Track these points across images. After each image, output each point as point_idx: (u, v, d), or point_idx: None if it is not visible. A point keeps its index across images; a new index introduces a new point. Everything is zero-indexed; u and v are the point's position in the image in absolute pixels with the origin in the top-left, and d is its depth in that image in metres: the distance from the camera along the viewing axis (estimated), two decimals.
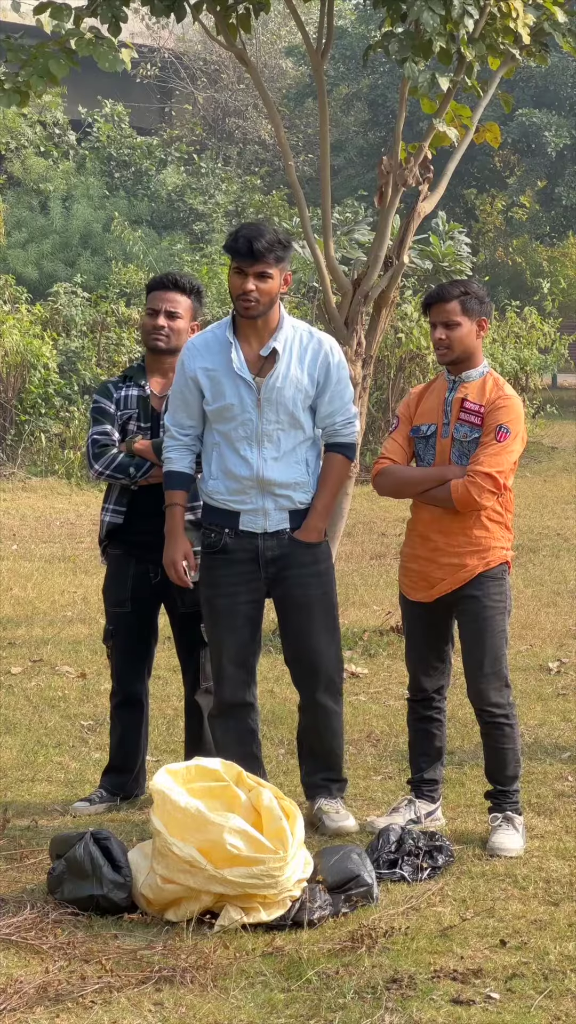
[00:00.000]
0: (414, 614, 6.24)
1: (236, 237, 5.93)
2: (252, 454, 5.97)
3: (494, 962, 4.76)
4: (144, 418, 6.47)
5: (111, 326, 21.08)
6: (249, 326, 6.00)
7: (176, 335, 6.44)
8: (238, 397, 5.96)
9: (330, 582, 6.22)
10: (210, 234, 28.19)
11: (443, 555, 6.04)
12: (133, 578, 6.51)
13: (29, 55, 8.94)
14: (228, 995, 4.53)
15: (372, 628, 10.09)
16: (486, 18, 8.95)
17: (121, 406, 6.51)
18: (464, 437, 6.02)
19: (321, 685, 6.17)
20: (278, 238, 5.93)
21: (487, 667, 6.04)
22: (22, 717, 8.05)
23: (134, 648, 6.60)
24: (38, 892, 5.38)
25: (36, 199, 28.51)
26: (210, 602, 6.11)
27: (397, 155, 9.45)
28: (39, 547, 14.22)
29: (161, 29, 33.26)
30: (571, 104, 29.45)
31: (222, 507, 6.04)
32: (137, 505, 6.45)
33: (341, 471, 6.19)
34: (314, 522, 6.09)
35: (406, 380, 20.03)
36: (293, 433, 6.03)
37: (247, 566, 6.05)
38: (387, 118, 30.56)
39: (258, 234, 5.89)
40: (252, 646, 6.16)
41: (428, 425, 6.12)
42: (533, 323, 23.15)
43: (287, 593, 6.11)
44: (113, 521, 6.49)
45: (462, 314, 6.03)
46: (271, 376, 5.97)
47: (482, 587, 6.04)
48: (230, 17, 9.35)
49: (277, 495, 6.02)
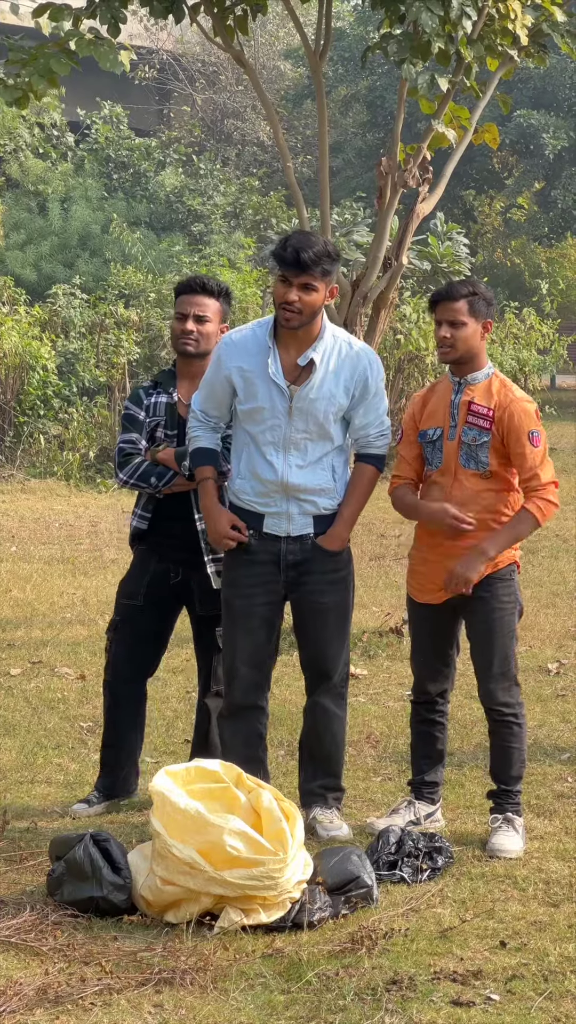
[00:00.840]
0: (421, 616, 6.24)
1: (285, 245, 5.87)
2: (278, 459, 5.96)
3: (494, 963, 4.76)
4: (171, 425, 6.43)
5: (110, 327, 21.08)
6: (289, 334, 5.96)
7: (205, 339, 6.40)
8: (270, 402, 5.94)
9: (348, 589, 6.20)
10: (208, 235, 28.19)
11: (452, 558, 6.03)
12: (152, 574, 6.48)
13: (29, 55, 8.94)
14: (228, 997, 4.52)
15: (371, 629, 10.09)
16: (484, 19, 8.96)
17: (150, 413, 6.49)
18: (473, 441, 6.01)
19: (327, 689, 6.18)
20: (327, 250, 5.87)
21: (496, 667, 6.04)
22: (21, 719, 8.04)
23: (137, 644, 6.53)
24: (38, 894, 5.37)
25: (34, 200, 28.51)
26: (228, 602, 6.11)
27: (396, 156, 9.45)
28: (38, 549, 14.22)
29: (159, 31, 33.30)
30: (569, 105, 29.48)
31: (247, 508, 6.04)
32: (161, 509, 6.45)
33: (370, 482, 6.16)
34: (339, 531, 6.08)
35: (405, 381, 20.03)
36: (321, 443, 6.01)
37: (267, 568, 6.04)
38: (385, 119, 30.58)
39: (307, 244, 5.83)
40: (267, 648, 6.15)
41: (435, 429, 6.11)
42: (532, 324, 23.17)
43: (304, 598, 6.10)
44: (139, 527, 6.49)
45: (469, 314, 6.02)
46: (306, 386, 5.94)
47: (491, 588, 6.03)
48: (228, 19, 9.36)
49: (302, 500, 6.00)
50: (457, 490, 6.03)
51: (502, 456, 6.00)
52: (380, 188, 9.54)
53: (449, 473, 6.05)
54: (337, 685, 6.21)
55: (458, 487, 6.03)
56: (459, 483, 6.03)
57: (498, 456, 6.00)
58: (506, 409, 5.98)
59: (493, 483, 6.01)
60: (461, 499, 6.01)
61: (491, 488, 6.02)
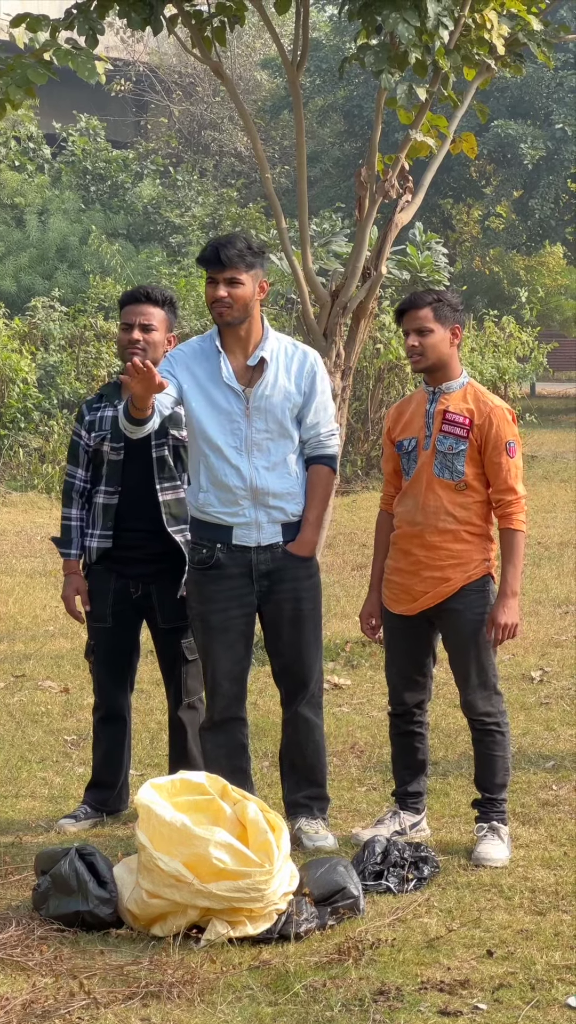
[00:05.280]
0: (396, 627, 6.23)
1: (205, 247, 6.00)
2: (243, 462, 5.96)
3: (481, 972, 4.76)
4: (117, 438, 6.43)
5: (90, 340, 21.08)
6: (234, 338, 6.00)
7: (152, 348, 6.42)
8: (227, 405, 5.96)
9: (319, 596, 6.24)
10: (187, 247, 28.20)
11: (425, 568, 6.04)
12: (114, 593, 6.51)
13: (6, 66, 8.95)
14: (215, 1009, 4.52)
15: (355, 639, 10.08)
16: (461, 29, 8.97)
17: (96, 428, 6.50)
18: (449, 449, 6.01)
19: (306, 698, 6.17)
20: (248, 244, 5.97)
21: (474, 679, 6.04)
22: (5, 733, 8.02)
23: (116, 662, 6.59)
24: (23, 909, 5.36)
25: (11, 213, 28.50)
26: (203, 618, 6.08)
27: (374, 166, 9.46)
28: (20, 562, 14.20)
29: (136, 43, 33.31)
30: (546, 114, 29.55)
31: (214, 521, 6.02)
32: (121, 523, 6.45)
33: (328, 483, 6.20)
34: (308, 536, 6.10)
35: (385, 391, 20.05)
36: (283, 442, 6.03)
37: (239, 580, 6.03)
38: (363, 129, 30.63)
39: (227, 242, 5.95)
40: (245, 661, 6.15)
41: (410, 439, 6.12)
42: (511, 332, 23.21)
43: (280, 607, 6.10)
44: (102, 546, 6.49)
45: (435, 321, 6.03)
46: (260, 385, 5.97)
47: (464, 600, 6.03)
48: (205, 30, 9.36)
49: (271, 507, 6.01)
50: (430, 500, 6.03)
51: (478, 465, 6.01)
52: (359, 198, 9.55)
53: (421, 483, 6.06)
54: (315, 694, 6.21)
55: (431, 497, 6.03)
56: (432, 493, 6.03)
57: (474, 465, 6.01)
58: (486, 417, 6.00)
59: (466, 495, 6.02)
60: (433, 509, 6.02)
61: (464, 499, 6.02)
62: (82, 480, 6.55)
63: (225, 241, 5.96)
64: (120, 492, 6.44)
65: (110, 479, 6.44)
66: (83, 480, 6.55)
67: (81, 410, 6.62)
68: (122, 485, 6.42)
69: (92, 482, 6.53)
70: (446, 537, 6.01)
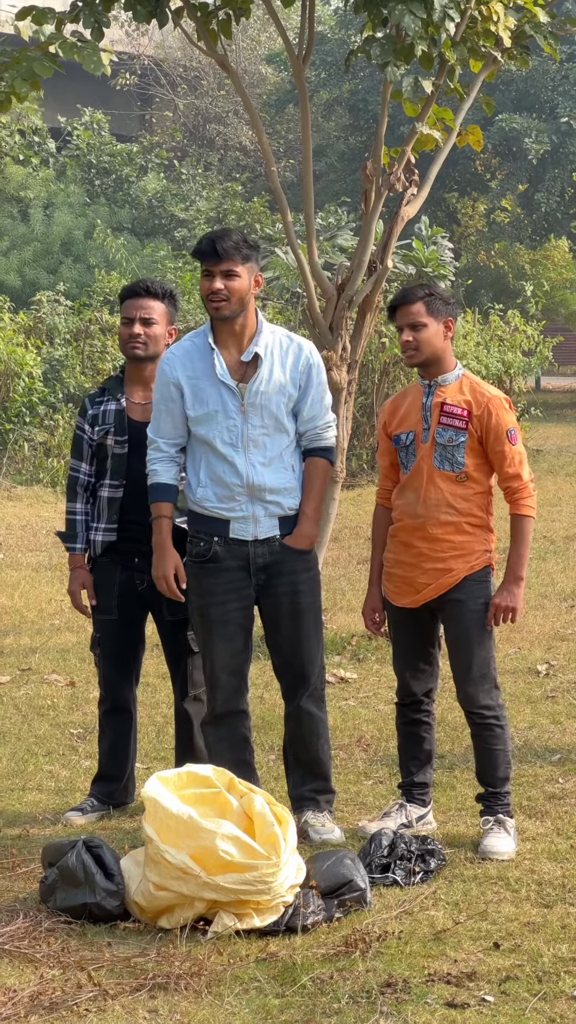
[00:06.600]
0: (399, 619, 6.24)
1: (200, 241, 6.03)
2: (240, 459, 5.96)
3: (488, 965, 4.76)
4: (120, 431, 6.45)
5: (95, 334, 21.05)
6: (228, 333, 6.00)
7: (153, 341, 6.44)
8: (222, 403, 5.95)
9: (318, 589, 6.24)
10: (192, 241, 28.16)
11: (427, 560, 6.05)
12: (119, 585, 6.51)
13: (12, 59, 8.95)
14: (223, 1001, 4.52)
15: (360, 633, 10.07)
16: (467, 21, 8.95)
17: (99, 421, 6.51)
18: (449, 441, 6.02)
19: (308, 692, 6.18)
20: (243, 238, 5.99)
21: (475, 671, 6.04)
22: (11, 726, 8.03)
23: (121, 655, 6.60)
24: (31, 901, 5.37)
25: (16, 207, 28.48)
26: (201, 611, 6.09)
27: (380, 159, 9.44)
28: (25, 556, 14.20)
29: (140, 36, 33.28)
30: (551, 108, 29.49)
31: (211, 515, 6.02)
32: (125, 516, 6.45)
33: (325, 475, 6.20)
34: (306, 529, 6.09)
35: (390, 385, 20.01)
36: (278, 437, 6.03)
37: (237, 574, 6.04)
38: (368, 123, 30.59)
39: (222, 235, 5.98)
40: (245, 654, 6.15)
41: (407, 433, 6.13)
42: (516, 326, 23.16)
43: (278, 600, 6.10)
44: (107, 540, 6.50)
45: (428, 315, 6.04)
46: (254, 381, 5.97)
47: (466, 591, 6.04)
48: (211, 23, 9.35)
49: (268, 501, 6.01)
50: (431, 492, 6.03)
51: (479, 456, 6.02)
52: (365, 192, 9.54)
53: (422, 475, 6.06)
54: (317, 687, 6.21)
55: (432, 489, 6.03)
56: (433, 485, 6.04)
57: (475, 456, 6.02)
58: (484, 407, 6.01)
59: (467, 486, 6.02)
60: (435, 501, 6.02)
61: (465, 491, 6.02)
62: (86, 474, 6.56)
63: (221, 234, 5.99)
64: (124, 485, 6.44)
65: (114, 472, 6.45)
66: (87, 474, 6.55)
67: (84, 404, 6.63)
68: (126, 478, 6.43)
69: (96, 476, 6.54)
70: (448, 529, 6.02)
